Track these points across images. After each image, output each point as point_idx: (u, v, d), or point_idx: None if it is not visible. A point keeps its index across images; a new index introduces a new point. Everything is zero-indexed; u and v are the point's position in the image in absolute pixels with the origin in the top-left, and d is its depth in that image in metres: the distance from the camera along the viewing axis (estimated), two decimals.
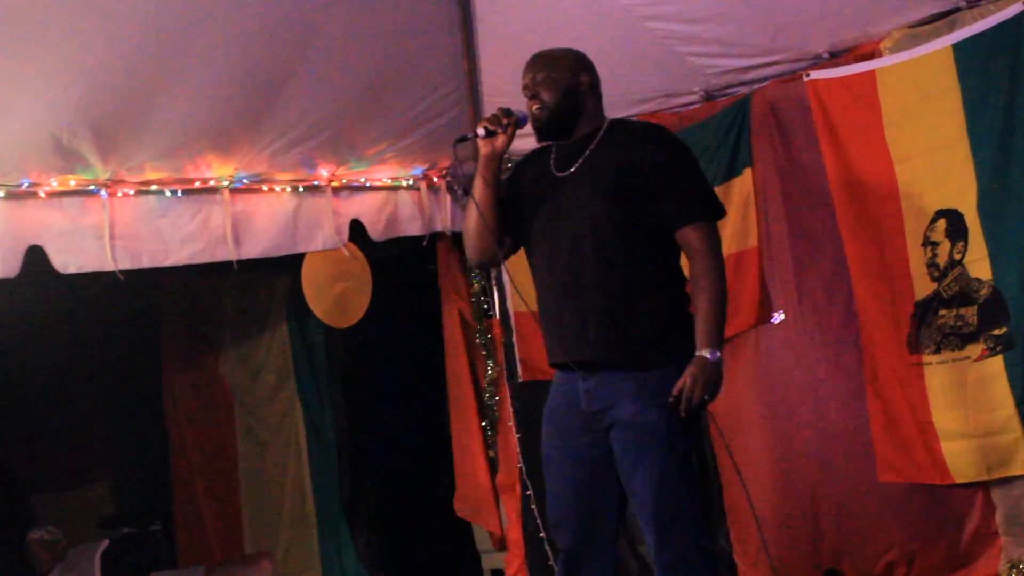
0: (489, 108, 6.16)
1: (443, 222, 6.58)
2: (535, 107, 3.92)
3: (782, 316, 5.47)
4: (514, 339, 6.60)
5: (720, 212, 3.93)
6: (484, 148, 3.92)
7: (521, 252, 4.13)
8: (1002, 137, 4.68)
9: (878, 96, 5.06)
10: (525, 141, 4.17)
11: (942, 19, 4.96)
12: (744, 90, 5.67)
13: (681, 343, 3.78)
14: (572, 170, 3.90)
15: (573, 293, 3.81)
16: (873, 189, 5.10)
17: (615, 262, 3.77)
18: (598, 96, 4.01)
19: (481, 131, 3.92)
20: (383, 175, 6.28)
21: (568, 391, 3.91)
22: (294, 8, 5.35)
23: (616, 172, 3.82)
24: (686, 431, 3.77)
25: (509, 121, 3.91)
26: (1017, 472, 4.69)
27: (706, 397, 3.67)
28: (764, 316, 5.52)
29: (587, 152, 3.90)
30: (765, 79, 5.59)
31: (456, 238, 6.67)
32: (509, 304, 6.63)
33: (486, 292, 6.74)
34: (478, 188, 3.95)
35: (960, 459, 4.84)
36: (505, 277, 6.58)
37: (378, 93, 5.90)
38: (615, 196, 3.79)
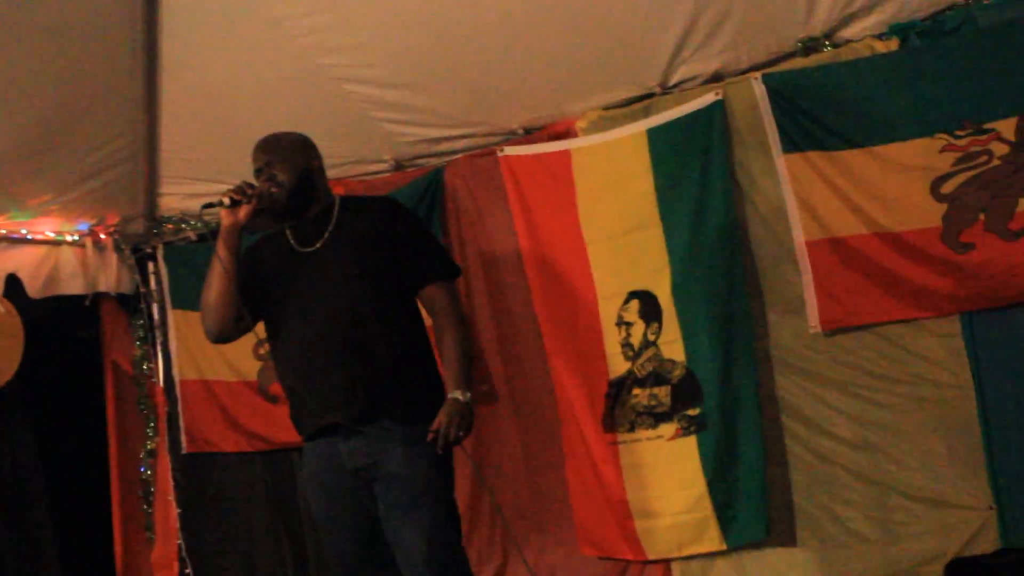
0: (167, 164, 5.90)
1: (108, 282, 6.24)
2: (272, 188, 3.95)
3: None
4: (179, 408, 6.30)
5: (457, 272, 4.13)
6: (227, 219, 3.91)
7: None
8: (694, 222, 4.82)
9: (573, 175, 5.14)
10: None
11: (637, 103, 5.09)
12: (436, 161, 5.64)
13: (439, 396, 3.89)
14: (319, 245, 3.97)
15: (334, 360, 3.84)
16: (567, 268, 5.16)
17: (374, 325, 3.85)
18: (325, 176, 4.13)
19: (227, 200, 3.88)
20: (46, 228, 5.95)
21: (327, 455, 3.90)
22: None
23: (364, 243, 3.94)
24: (450, 483, 3.88)
25: (253, 193, 3.91)
26: (705, 550, 4.82)
27: (461, 434, 3.78)
28: None
29: (330, 227, 3.99)
30: (458, 151, 5.58)
31: (122, 299, 6.32)
32: (175, 371, 6.31)
33: (149, 358, 6.37)
34: (223, 258, 3.91)
35: (653, 536, 4.92)
36: (172, 344, 6.28)
37: (46, 140, 5.44)
38: (366, 265, 3.90)
